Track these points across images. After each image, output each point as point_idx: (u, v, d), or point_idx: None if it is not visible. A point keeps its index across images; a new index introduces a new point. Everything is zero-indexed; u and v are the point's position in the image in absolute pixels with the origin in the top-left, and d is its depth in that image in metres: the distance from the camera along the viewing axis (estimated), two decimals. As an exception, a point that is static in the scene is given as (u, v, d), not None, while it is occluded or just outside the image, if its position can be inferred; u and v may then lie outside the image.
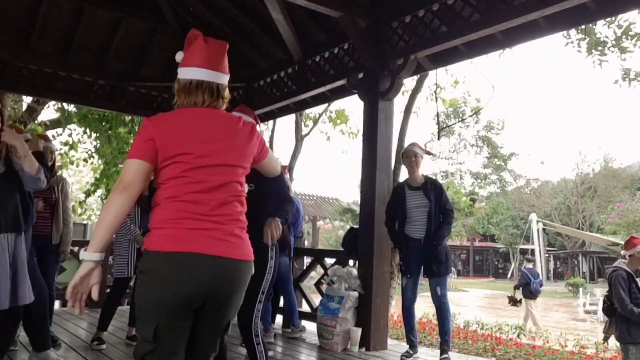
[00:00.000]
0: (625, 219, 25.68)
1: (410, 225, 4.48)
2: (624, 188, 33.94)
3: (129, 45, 7.28)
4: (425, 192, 4.49)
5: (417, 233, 4.44)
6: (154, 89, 7.62)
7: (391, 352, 4.71)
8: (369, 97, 5.19)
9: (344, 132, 11.27)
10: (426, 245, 4.38)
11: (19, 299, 2.84)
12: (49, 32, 6.71)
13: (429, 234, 4.40)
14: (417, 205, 4.47)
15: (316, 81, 5.90)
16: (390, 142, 5.21)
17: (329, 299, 4.85)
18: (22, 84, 6.73)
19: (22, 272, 2.88)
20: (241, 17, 6.40)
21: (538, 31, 4.32)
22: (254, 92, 6.96)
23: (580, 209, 36.18)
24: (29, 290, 2.92)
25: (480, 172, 45.46)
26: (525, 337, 8.57)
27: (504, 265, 43.05)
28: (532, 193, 39.35)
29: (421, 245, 4.40)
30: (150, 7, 6.99)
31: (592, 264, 35.58)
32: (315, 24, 5.81)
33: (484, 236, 41.87)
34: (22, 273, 2.88)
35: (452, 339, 7.45)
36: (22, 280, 2.88)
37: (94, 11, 6.66)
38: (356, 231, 5.16)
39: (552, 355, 6.55)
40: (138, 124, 10.41)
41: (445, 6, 4.51)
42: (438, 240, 4.36)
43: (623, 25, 6.46)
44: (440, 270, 4.38)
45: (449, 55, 5.10)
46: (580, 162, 37.81)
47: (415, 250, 4.42)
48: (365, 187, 5.08)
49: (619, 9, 4.17)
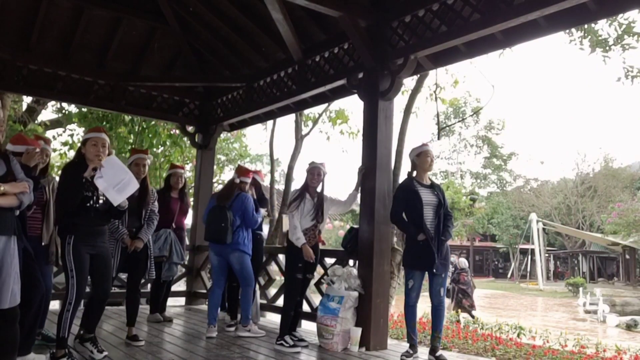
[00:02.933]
0: (626, 218, 25.69)
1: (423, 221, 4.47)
2: (624, 188, 33.95)
3: (129, 45, 7.29)
4: (434, 191, 4.58)
5: (430, 229, 4.45)
6: (154, 89, 7.62)
7: (391, 352, 4.71)
8: (369, 97, 5.19)
9: (344, 132, 11.28)
10: (436, 241, 4.41)
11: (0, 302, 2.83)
12: (49, 32, 6.71)
13: (438, 230, 4.44)
14: (429, 203, 4.51)
15: (316, 81, 5.90)
16: (390, 142, 5.21)
17: (329, 299, 4.85)
18: (22, 84, 6.72)
19: (7, 274, 2.86)
20: (241, 17, 6.40)
21: (538, 31, 4.32)
22: (254, 92, 6.96)
23: (580, 209, 36.18)
24: (13, 294, 2.89)
25: (480, 172, 45.49)
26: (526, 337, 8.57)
27: (504, 265, 43.07)
28: (531, 193, 39.33)
29: (429, 242, 4.40)
30: (150, 7, 6.99)
31: (592, 263, 35.61)
32: (315, 24, 5.81)
33: (484, 236, 41.88)
34: (7, 275, 2.86)
35: (452, 339, 7.49)
36: (7, 283, 2.86)
37: (94, 11, 6.66)
38: (356, 231, 5.16)
39: (552, 355, 6.54)
40: (138, 124, 10.44)
41: (445, 6, 4.51)
42: (447, 236, 4.48)
43: (624, 24, 6.46)
44: (446, 268, 4.49)
45: (449, 55, 5.10)
46: (580, 162, 37.87)
47: (424, 248, 4.41)
48: (365, 187, 5.08)
49: (619, 8, 4.17)
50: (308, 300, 5.51)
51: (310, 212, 4.93)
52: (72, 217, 3.79)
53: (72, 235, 3.77)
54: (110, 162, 3.83)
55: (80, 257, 3.77)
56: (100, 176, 3.74)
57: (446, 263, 4.50)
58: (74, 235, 3.77)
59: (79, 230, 3.80)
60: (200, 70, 7.69)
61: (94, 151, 3.82)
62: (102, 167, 3.75)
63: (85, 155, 3.88)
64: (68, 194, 3.77)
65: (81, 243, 3.79)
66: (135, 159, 4.88)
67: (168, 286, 6.30)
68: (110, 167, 3.80)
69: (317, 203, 4.97)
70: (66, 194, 3.78)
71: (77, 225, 3.79)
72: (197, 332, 5.42)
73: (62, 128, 12.00)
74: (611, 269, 36.37)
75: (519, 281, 32.84)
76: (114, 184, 3.78)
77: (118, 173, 3.83)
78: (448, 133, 42.98)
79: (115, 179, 3.79)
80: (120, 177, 3.82)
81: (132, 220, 4.74)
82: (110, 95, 7.28)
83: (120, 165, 3.90)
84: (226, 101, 7.61)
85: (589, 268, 35.13)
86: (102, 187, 3.77)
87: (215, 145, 8.16)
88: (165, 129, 10.71)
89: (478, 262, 43.27)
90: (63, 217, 3.86)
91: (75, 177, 3.76)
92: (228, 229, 5.15)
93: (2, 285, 2.84)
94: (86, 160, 3.86)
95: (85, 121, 10.28)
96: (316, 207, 4.96)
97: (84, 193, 3.78)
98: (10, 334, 2.94)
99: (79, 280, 3.75)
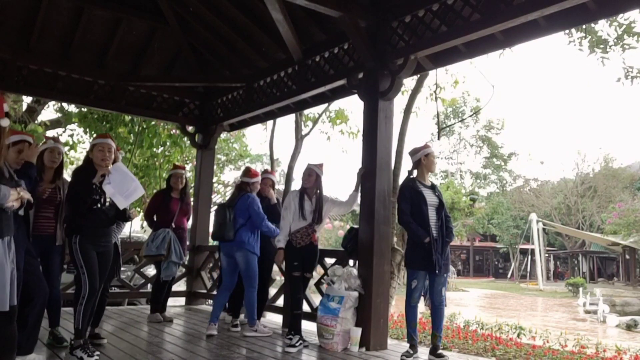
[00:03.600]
0: (626, 218, 25.69)
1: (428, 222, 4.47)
2: (624, 188, 33.95)
3: (129, 45, 7.29)
4: (435, 192, 4.61)
5: (434, 231, 4.46)
6: (154, 89, 7.62)
7: (391, 352, 4.71)
8: (369, 97, 5.19)
9: (344, 132, 11.28)
10: (440, 242, 4.43)
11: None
12: (49, 32, 6.71)
13: (441, 231, 4.46)
14: (432, 204, 4.53)
15: (316, 81, 5.90)
16: (390, 142, 5.21)
17: (329, 299, 4.85)
18: (22, 84, 6.73)
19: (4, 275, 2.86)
20: (241, 17, 6.40)
21: (538, 31, 4.32)
22: (254, 92, 6.96)
23: (580, 209, 36.18)
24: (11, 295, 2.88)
25: (480, 172, 45.49)
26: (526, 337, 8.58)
27: (504, 265, 43.07)
28: (531, 193, 39.33)
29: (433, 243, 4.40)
30: (150, 7, 6.99)
31: (592, 263, 35.61)
32: (315, 24, 5.81)
33: (484, 236, 41.88)
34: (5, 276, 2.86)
35: (452, 339, 7.50)
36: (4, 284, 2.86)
37: (93, 11, 6.67)
38: (356, 231, 5.16)
39: (552, 355, 6.55)
40: (138, 124, 10.43)
41: (445, 6, 4.51)
42: (451, 237, 4.52)
43: (624, 24, 6.46)
44: (447, 268, 4.52)
45: (449, 55, 5.10)
46: (580, 162, 37.82)
47: (428, 249, 4.41)
48: (365, 187, 5.08)
49: (619, 8, 4.16)
50: (308, 300, 5.51)
51: (309, 212, 4.94)
52: (80, 219, 4.03)
53: (77, 235, 3.99)
54: (117, 169, 4.14)
55: (88, 253, 4.01)
56: (108, 182, 4.05)
57: (448, 263, 4.53)
58: (80, 235, 3.99)
59: (86, 231, 4.02)
60: (200, 70, 7.69)
61: (100, 156, 4.12)
62: (110, 174, 4.05)
63: (93, 160, 4.15)
64: (79, 197, 4.04)
65: (87, 242, 4.01)
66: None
67: (169, 286, 6.30)
68: (118, 174, 4.12)
69: (316, 203, 4.98)
70: (77, 197, 4.06)
71: (84, 226, 4.02)
72: (197, 332, 5.42)
73: (62, 128, 12.00)
74: (611, 269, 36.38)
75: (519, 281, 32.85)
76: (122, 190, 4.10)
77: (125, 180, 4.15)
78: (448, 133, 42.99)
79: (123, 186, 4.11)
80: (127, 183, 4.15)
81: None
82: (110, 95, 7.28)
83: (126, 172, 4.21)
84: (226, 101, 7.61)
85: (589, 268, 35.13)
86: (110, 192, 4.06)
87: (215, 145, 8.17)
88: (165, 129, 10.71)
89: (478, 262, 43.28)
90: (72, 218, 4.10)
91: (86, 182, 4.04)
92: (227, 225, 5.23)
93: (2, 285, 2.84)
94: (94, 165, 4.13)
95: (85, 121, 10.27)
96: (315, 207, 4.97)
97: (93, 197, 4.05)
98: (7, 332, 2.94)
99: (90, 275, 3.99)
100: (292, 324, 4.91)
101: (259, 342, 4.98)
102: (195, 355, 4.34)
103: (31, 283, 3.65)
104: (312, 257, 5.06)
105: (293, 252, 4.93)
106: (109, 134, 4.84)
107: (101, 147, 4.14)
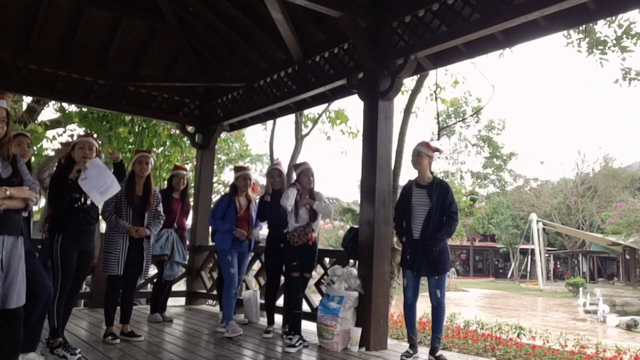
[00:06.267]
0: (626, 218, 25.69)
1: (412, 223, 4.50)
2: (624, 188, 33.94)
3: (129, 45, 7.29)
4: (428, 191, 4.49)
5: (417, 232, 4.45)
6: (154, 89, 7.62)
7: (391, 352, 4.71)
8: (369, 97, 5.19)
9: (344, 132, 11.27)
10: (421, 244, 4.38)
11: (6, 302, 2.83)
12: (48, 32, 6.71)
13: (425, 232, 4.40)
14: (419, 204, 4.49)
15: (316, 81, 5.90)
16: (390, 142, 5.20)
17: (329, 299, 4.85)
18: (22, 84, 6.73)
19: (14, 275, 2.87)
20: (241, 17, 6.40)
21: (538, 31, 4.32)
22: (254, 92, 6.96)
23: (580, 209, 36.17)
24: (19, 295, 2.89)
25: (481, 172, 45.50)
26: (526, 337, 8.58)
27: (504, 265, 43.07)
28: (531, 193, 39.32)
29: (418, 244, 4.40)
30: (150, 7, 6.99)
31: (592, 263, 35.61)
32: (315, 24, 5.81)
33: (484, 236, 41.88)
34: (14, 276, 2.86)
35: (452, 339, 7.49)
36: (14, 284, 2.86)
37: (93, 11, 6.67)
38: (356, 231, 5.16)
39: (552, 355, 6.55)
40: (138, 124, 10.44)
41: (445, 6, 4.51)
42: (434, 241, 4.34)
43: (624, 25, 6.44)
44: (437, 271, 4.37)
45: (449, 55, 5.09)
46: (580, 162, 37.80)
47: (414, 249, 4.42)
48: (365, 187, 5.07)
49: (619, 8, 4.16)
50: (308, 300, 5.51)
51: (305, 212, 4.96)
52: (61, 217, 4.05)
53: (60, 233, 4.01)
54: (94, 164, 4.07)
55: (67, 254, 4.01)
56: (84, 177, 3.98)
57: (437, 266, 4.38)
58: (62, 234, 4.01)
59: (68, 229, 4.04)
60: (200, 70, 7.69)
61: (80, 153, 4.11)
62: (86, 169, 4.00)
63: (74, 158, 4.14)
64: (56, 194, 4.03)
65: (70, 241, 4.03)
66: (139, 157, 4.95)
67: (169, 286, 6.30)
68: (95, 169, 4.04)
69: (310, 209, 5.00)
70: (54, 195, 4.04)
71: (67, 225, 4.04)
72: (197, 332, 5.42)
73: (62, 128, 12.01)
74: (611, 269, 36.38)
75: (519, 281, 32.85)
76: (97, 185, 4.03)
77: (102, 175, 4.07)
78: (448, 133, 42.97)
79: (99, 181, 4.04)
80: (103, 179, 4.07)
81: (135, 220, 4.75)
82: (111, 95, 7.28)
83: (103, 168, 4.13)
84: (226, 101, 7.61)
85: (589, 268, 35.13)
86: (86, 188, 4.00)
87: (215, 145, 8.17)
88: (165, 129, 10.71)
89: (478, 262, 43.27)
90: (53, 216, 4.10)
91: (62, 179, 4.03)
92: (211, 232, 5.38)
93: (10, 285, 2.84)
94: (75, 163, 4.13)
95: (86, 121, 10.28)
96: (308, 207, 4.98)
97: (72, 194, 4.03)
98: (14, 334, 2.93)
99: (64, 276, 4.00)
100: (292, 324, 4.91)
101: (258, 342, 4.99)
102: (195, 355, 4.34)
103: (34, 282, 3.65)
104: (310, 257, 5.06)
105: (291, 252, 4.93)
106: (91, 134, 4.87)
107: (82, 144, 4.14)
